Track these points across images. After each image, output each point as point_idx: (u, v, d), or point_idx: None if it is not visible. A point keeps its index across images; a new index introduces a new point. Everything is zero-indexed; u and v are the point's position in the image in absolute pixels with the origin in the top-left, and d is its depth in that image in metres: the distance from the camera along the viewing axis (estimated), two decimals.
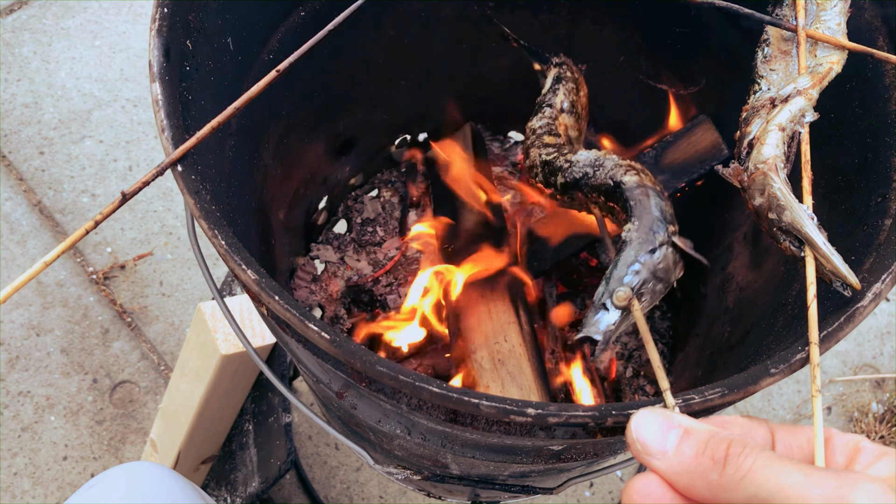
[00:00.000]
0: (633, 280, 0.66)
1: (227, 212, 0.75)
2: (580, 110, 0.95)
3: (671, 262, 0.68)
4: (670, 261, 0.68)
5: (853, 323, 0.58)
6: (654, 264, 0.67)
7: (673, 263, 0.68)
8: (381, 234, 1.26)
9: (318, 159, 1.15)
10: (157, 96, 0.63)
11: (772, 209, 0.60)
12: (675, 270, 0.68)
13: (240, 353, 1.11)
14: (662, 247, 0.67)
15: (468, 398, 0.53)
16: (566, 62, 0.98)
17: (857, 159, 0.76)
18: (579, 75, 0.98)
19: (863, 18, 0.77)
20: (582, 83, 0.98)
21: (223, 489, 1.36)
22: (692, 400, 0.54)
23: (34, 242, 1.71)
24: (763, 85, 0.70)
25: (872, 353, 1.76)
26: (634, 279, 0.66)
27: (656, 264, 0.67)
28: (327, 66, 1.03)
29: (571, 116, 0.93)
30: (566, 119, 0.92)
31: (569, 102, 0.93)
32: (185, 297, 1.71)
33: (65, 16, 2.01)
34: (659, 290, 0.67)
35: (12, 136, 1.83)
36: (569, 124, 0.92)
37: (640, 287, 0.66)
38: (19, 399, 1.58)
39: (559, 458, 0.70)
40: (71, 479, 1.52)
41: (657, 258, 0.67)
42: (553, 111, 0.93)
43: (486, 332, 0.99)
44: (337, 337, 0.54)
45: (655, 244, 0.68)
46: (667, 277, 0.67)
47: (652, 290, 0.66)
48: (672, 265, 0.68)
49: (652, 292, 0.66)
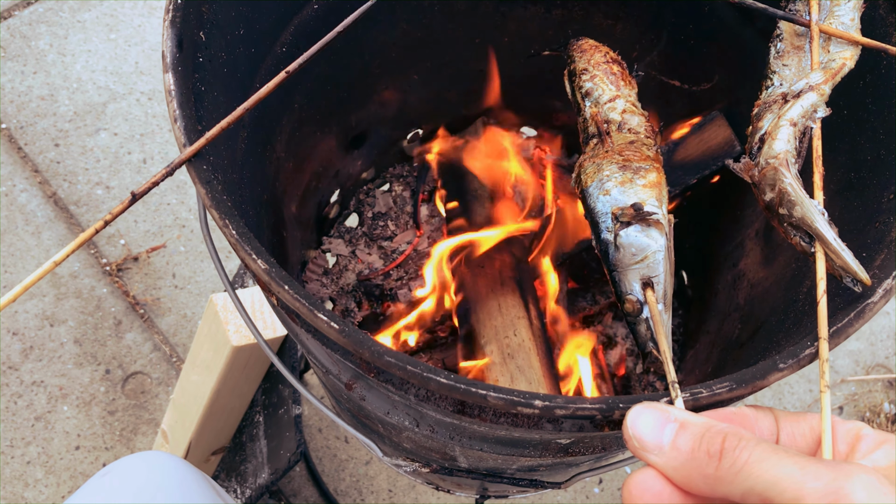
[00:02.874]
0: (627, 285, 0.66)
1: (239, 203, 0.75)
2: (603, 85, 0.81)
3: (633, 240, 0.67)
4: (632, 240, 0.67)
5: (863, 319, 0.58)
6: (625, 254, 0.67)
7: (639, 238, 0.67)
8: (393, 228, 1.27)
9: (331, 153, 1.16)
10: (169, 87, 0.64)
11: (782, 204, 0.60)
12: (651, 237, 0.67)
13: (251, 344, 1.12)
14: (616, 236, 0.67)
15: (476, 389, 0.53)
16: (568, 47, 0.88)
17: (869, 156, 0.75)
18: (583, 50, 0.86)
19: (877, 14, 0.76)
20: (589, 51, 0.85)
21: (233, 480, 1.37)
22: (700, 394, 0.54)
23: (49, 234, 1.73)
24: (775, 80, 0.70)
25: (885, 353, 1.75)
26: (624, 282, 0.67)
27: (626, 253, 0.66)
28: (341, 59, 1.03)
29: (592, 103, 0.80)
30: (591, 110, 0.80)
31: (582, 93, 0.82)
32: (198, 289, 1.72)
33: (81, 9, 2.02)
34: (653, 266, 0.66)
35: (28, 128, 1.84)
36: (594, 114, 0.79)
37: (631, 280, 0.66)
38: (33, 389, 1.59)
39: (567, 451, 0.71)
40: (83, 469, 1.54)
41: (622, 251, 0.67)
42: (582, 114, 0.82)
43: (497, 326, 0.99)
44: (346, 327, 0.55)
45: (610, 239, 0.68)
46: (644, 252, 0.66)
47: (650, 272, 0.66)
48: (637, 241, 0.67)
49: (655, 274, 0.66)
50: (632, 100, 0.79)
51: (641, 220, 0.66)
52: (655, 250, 0.66)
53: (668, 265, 0.66)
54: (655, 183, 0.69)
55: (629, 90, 0.80)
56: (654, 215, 0.66)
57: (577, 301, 1.20)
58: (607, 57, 0.83)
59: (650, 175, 0.70)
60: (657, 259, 0.65)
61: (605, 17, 1.07)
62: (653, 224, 0.66)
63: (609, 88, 0.79)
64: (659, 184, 0.70)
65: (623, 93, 0.79)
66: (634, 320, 0.66)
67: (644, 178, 0.70)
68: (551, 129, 1.27)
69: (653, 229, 0.66)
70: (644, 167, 0.70)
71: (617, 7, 1.05)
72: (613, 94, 0.79)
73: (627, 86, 0.81)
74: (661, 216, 0.67)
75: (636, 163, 0.71)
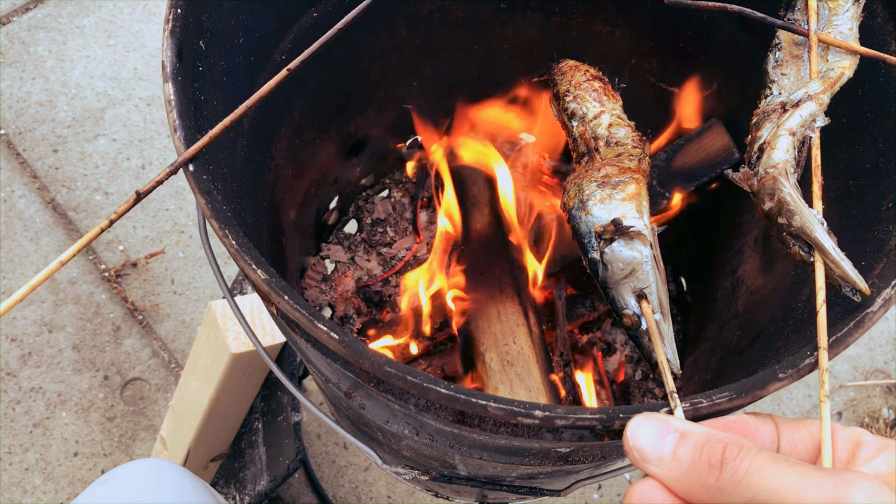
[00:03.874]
0: (621, 301, 0.67)
1: (239, 211, 0.75)
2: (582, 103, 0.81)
3: (619, 255, 0.67)
4: (617, 255, 0.67)
5: (862, 328, 0.58)
6: (614, 270, 0.67)
7: (624, 252, 0.68)
8: (392, 235, 1.27)
9: (330, 159, 1.16)
10: (169, 96, 0.64)
11: (781, 214, 0.60)
12: (635, 249, 0.67)
13: (250, 351, 1.12)
14: (602, 253, 0.68)
15: (476, 399, 0.53)
16: (551, 71, 0.88)
17: (868, 164, 0.76)
18: (563, 73, 0.86)
19: (875, 23, 0.76)
20: (569, 72, 0.86)
21: (232, 487, 1.37)
22: (700, 404, 0.54)
23: (47, 240, 1.73)
24: (774, 89, 0.70)
25: (884, 359, 1.75)
26: (619, 298, 0.68)
27: (615, 269, 0.67)
28: (340, 66, 1.03)
29: (578, 122, 0.81)
30: (578, 129, 0.81)
31: (568, 114, 0.83)
32: (197, 295, 1.72)
33: (80, 15, 2.02)
34: (643, 278, 0.67)
35: (27, 134, 1.84)
36: (582, 133, 0.81)
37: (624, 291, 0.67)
38: (31, 395, 1.59)
39: (567, 460, 0.71)
40: (82, 476, 1.53)
41: (610, 268, 0.68)
42: (571, 134, 0.82)
43: (496, 333, 0.99)
44: (345, 337, 0.55)
45: (597, 258, 0.69)
46: (631, 265, 0.67)
47: (641, 284, 0.67)
48: (623, 255, 0.67)
49: (646, 284, 0.67)
50: (617, 112, 0.81)
51: (623, 234, 0.67)
52: (642, 261, 0.67)
53: (659, 274, 0.67)
54: (634, 195, 0.70)
55: (613, 103, 0.82)
56: (633, 228, 0.67)
57: (576, 307, 1.20)
58: (587, 75, 0.84)
59: (629, 188, 0.71)
60: (645, 270, 0.66)
61: (604, 24, 1.07)
62: (635, 236, 0.67)
63: (593, 106, 0.81)
64: (638, 195, 0.71)
65: (607, 107, 0.81)
66: (636, 333, 0.67)
67: (623, 191, 0.71)
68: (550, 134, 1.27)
69: (636, 241, 0.67)
70: (623, 180, 0.71)
71: (616, 14, 1.05)
72: (598, 111, 0.80)
73: (611, 100, 0.82)
74: (643, 226, 0.68)
75: (615, 177, 0.72)
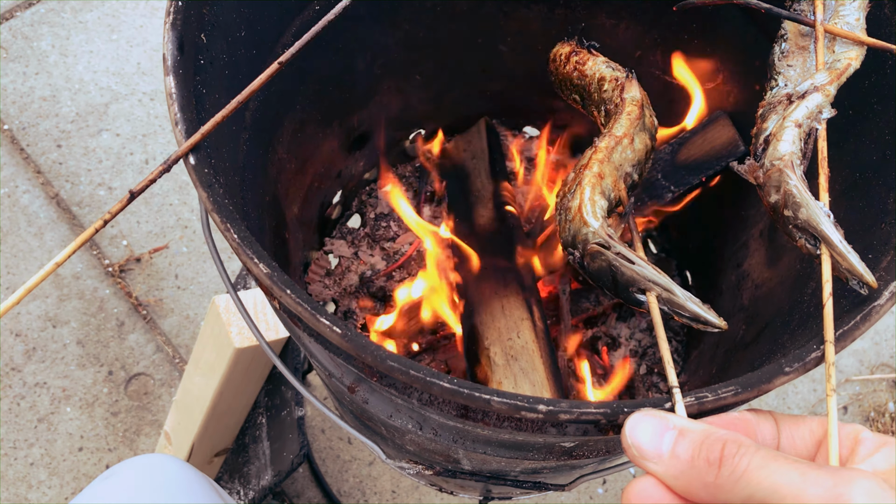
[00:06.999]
0: (627, 297, 0.65)
1: (241, 205, 0.75)
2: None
3: (592, 270, 0.66)
4: (591, 270, 0.66)
5: (869, 322, 0.58)
6: (601, 278, 0.65)
7: (593, 267, 0.66)
8: (395, 229, 1.26)
9: (333, 153, 1.16)
10: (170, 90, 0.63)
11: (787, 206, 0.60)
12: (605, 259, 0.65)
13: (253, 346, 1.11)
14: (582, 268, 0.67)
15: (479, 394, 0.53)
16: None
17: (875, 156, 0.75)
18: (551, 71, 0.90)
19: (882, 13, 0.76)
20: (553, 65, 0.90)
21: (236, 482, 1.37)
22: (705, 398, 0.54)
23: (51, 235, 1.73)
24: (780, 81, 0.69)
25: (890, 353, 1.75)
26: (623, 296, 0.65)
27: (600, 277, 0.65)
28: (342, 60, 1.03)
29: (584, 96, 0.85)
30: (589, 105, 0.84)
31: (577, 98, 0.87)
32: (200, 290, 1.72)
33: (83, 10, 2.02)
34: (630, 278, 0.64)
35: (30, 129, 1.84)
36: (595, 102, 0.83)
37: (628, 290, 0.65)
38: (36, 390, 1.59)
39: (571, 454, 0.70)
40: (86, 470, 1.54)
41: (598, 278, 0.66)
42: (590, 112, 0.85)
43: (500, 327, 0.99)
44: (348, 331, 0.54)
45: (582, 271, 0.67)
46: (611, 273, 0.65)
47: (630, 283, 0.64)
48: (599, 266, 0.65)
49: (634, 282, 0.64)
50: (602, 59, 0.83)
51: (585, 253, 0.66)
52: (613, 264, 0.64)
53: (640, 267, 0.63)
54: (581, 203, 0.67)
55: (594, 59, 0.84)
56: (589, 245, 0.65)
57: (581, 302, 1.20)
58: (566, 57, 0.87)
59: (575, 198, 0.68)
60: (623, 273, 0.64)
61: (608, 17, 1.06)
62: (597, 249, 0.65)
63: (583, 76, 0.83)
64: (591, 197, 0.68)
65: (593, 62, 0.83)
66: None
67: (575, 198, 0.68)
68: (554, 128, 1.27)
69: (601, 253, 0.65)
70: (578, 180, 0.69)
71: (620, 6, 1.05)
72: (592, 73, 0.82)
73: (592, 58, 0.84)
74: (598, 231, 0.65)
75: (573, 183, 0.69)
